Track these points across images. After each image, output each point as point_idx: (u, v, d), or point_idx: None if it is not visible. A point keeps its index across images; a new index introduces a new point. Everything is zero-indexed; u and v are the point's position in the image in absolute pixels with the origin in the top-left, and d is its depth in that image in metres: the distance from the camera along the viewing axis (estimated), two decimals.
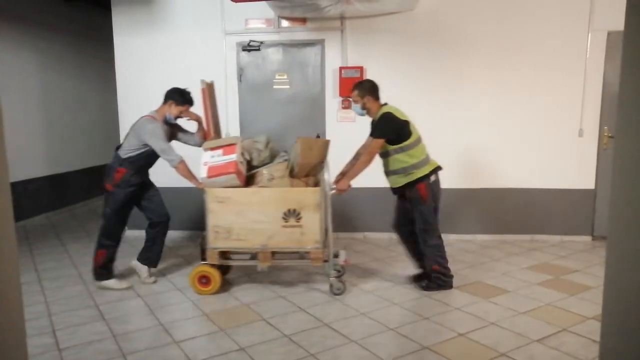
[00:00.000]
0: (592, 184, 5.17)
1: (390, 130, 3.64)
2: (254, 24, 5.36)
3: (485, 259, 4.66)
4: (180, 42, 5.46)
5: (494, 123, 5.18)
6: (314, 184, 3.86)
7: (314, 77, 5.36)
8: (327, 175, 3.71)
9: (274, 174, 3.75)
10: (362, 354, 2.89)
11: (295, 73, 5.39)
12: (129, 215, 4.12)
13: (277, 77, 5.41)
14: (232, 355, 2.90)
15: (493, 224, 5.32)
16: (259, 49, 5.37)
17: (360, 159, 3.70)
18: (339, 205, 5.33)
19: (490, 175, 5.25)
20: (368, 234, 5.46)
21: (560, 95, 5.07)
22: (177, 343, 3.07)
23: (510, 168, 5.23)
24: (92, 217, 6.67)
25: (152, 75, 5.42)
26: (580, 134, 5.11)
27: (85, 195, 7.47)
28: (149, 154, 3.88)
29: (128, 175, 3.88)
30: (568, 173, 5.17)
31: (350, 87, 3.90)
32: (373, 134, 3.72)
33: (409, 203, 3.76)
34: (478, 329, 3.19)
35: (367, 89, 3.75)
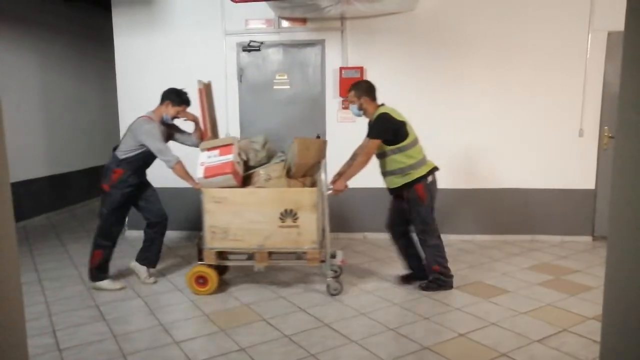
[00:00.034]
0: (592, 184, 5.17)
1: (387, 131, 3.63)
2: (254, 25, 5.37)
3: (486, 259, 4.66)
4: (181, 42, 5.46)
5: (495, 123, 5.18)
6: (311, 184, 3.86)
7: (314, 77, 5.36)
8: (324, 176, 3.71)
9: (271, 174, 3.74)
10: (362, 354, 2.89)
11: (296, 73, 5.39)
12: (127, 216, 4.12)
13: (277, 77, 5.42)
14: (232, 356, 2.90)
15: (493, 224, 5.32)
16: (259, 49, 5.37)
17: (357, 160, 3.69)
18: (339, 206, 5.33)
19: (491, 176, 5.25)
20: (368, 234, 5.46)
21: (561, 96, 5.07)
22: (177, 343, 3.07)
23: (511, 168, 5.23)
24: (92, 217, 6.66)
25: (152, 76, 5.42)
26: (581, 134, 5.11)
27: (86, 196, 7.48)
28: (146, 155, 3.88)
29: (125, 176, 3.88)
30: (568, 173, 5.17)
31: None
32: (370, 135, 3.71)
33: (406, 204, 3.75)
34: (478, 329, 3.19)
35: (363, 90, 3.74)
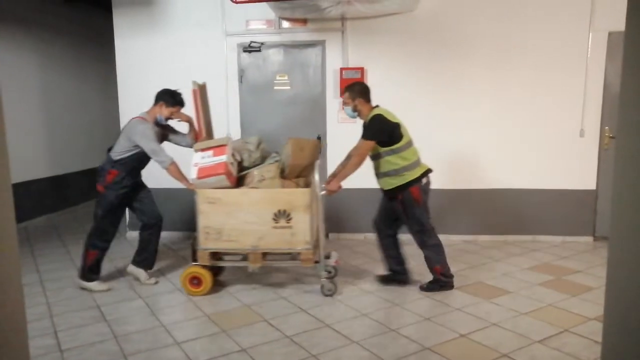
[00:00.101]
0: (593, 185, 5.17)
1: (381, 132, 3.64)
2: (255, 25, 5.37)
3: (486, 260, 4.65)
4: (181, 43, 5.46)
5: (495, 123, 5.18)
6: (305, 185, 3.86)
7: (315, 78, 5.36)
8: (317, 176, 3.71)
9: (265, 175, 3.74)
10: (363, 355, 2.89)
11: (296, 74, 5.39)
12: (122, 218, 4.11)
13: (277, 78, 5.42)
14: (233, 356, 2.90)
15: (494, 225, 5.31)
16: (260, 50, 5.37)
17: (351, 161, 3.69)
18: (340, 207, 5.33)
19: (491, 176, 5.25)
20: (369, 235, 5.45)
21: (561, 96, 5.07)
22: (178, 344, 3.07)
23: (511, 168, 5.22)
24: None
25: (152, 76, 5.42)
26: (582, 134, 5.10)
27: (87, 197, 7.48)
28: (140, 156, 3.87)
29: (120, 177, 3.87)
30: (569, 173, 5.16)
31: None
32: (364, 136, 3.71)
33: (400, 205, 3.75)
34: (479, 330, 3.19)
35: (358, 92, 3.76)
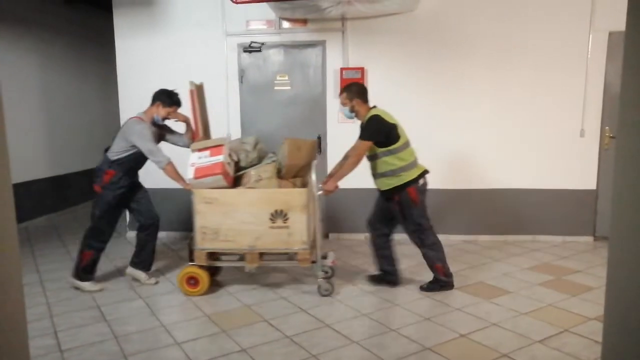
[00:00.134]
0: (593, 185, 5.16)
1: (378, 133, 3.64)
2: (255, 25, 5.37)
3: (487, 260, 4.65)
4: (181, 43, 5.47)
5: (495, 123, 5.17)
6: (302, 185, 3.85)
7: (315, 78, 5.36)
8: (314, 176, 3.71)
9: (262, 175, 3.74)
10: (363, 355, 2.89)
11: (297, 74, 5.39)
12: (119, 218, 4.09)
13: (278, 78, 5.42)
14: (233, 357, 2.90)
15: (494, 225, 5.31)
16: (260, 50, 5.37)
17: (348, 161, 3.70)
18: (340, 207, 5.33)
19: (491, 176, 5.25)
20: (369, 235, 5.44)
21: (562, 96, 5.07)
22: (178, 344, 3.07)
23: (511, 168, 5.22)
24: None
25: (153, 77, 5.42)
26: (582, 134, 5.10)
27: (87, 197, 7.47)
28: (137, 156, 3.87)
29: (117, 177, 3.87)
30: (569, 173, 5.16)
31: None
32: (361, 136, 3.71)
33: (397, 206, 3.75)
34: (479, 330, 3.19)
35: (355, 92, 3.76)
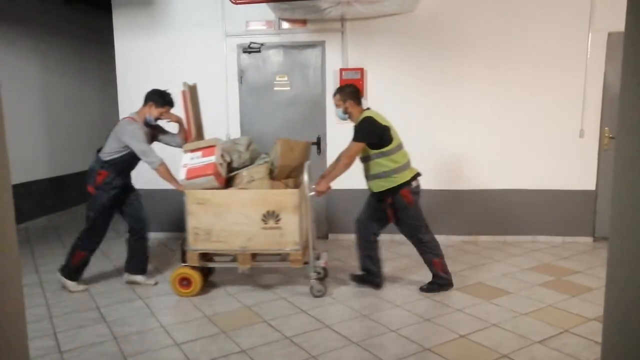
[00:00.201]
0: (593, 185, 5.16)
1: (371, 134, 3.64)
2: (255, 26, 5.37)
3: (487, 260, 4.65)
4: (181, 43, 5.47)
5: (495, 123, 5.18)
6: (295, 186, 3.85)
7: (315, 78, 5.37)
8: (307, 177, 3.71)
9: (254, 176, 3.74)
10: (363, 356, 2.89)
11: (296, 75, 5.39)
12: (112, 220, 4.07)
13: (277, 78, 5.42)
14: (233, 357, 2.90)
15: (494, 225, 5.31)
16: (260, 51, 5.37)
17: (340, 162, 3.69)
18: (340, 207, 5.33)
19: (491, 176, 5.25)
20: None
21: (561, 96, 5.07)
22: (178, 345, 3.07)
23: (511, 168, 5.22)
24: None
25: (152, 77, 5.41)
26: (581, 135, 5.10)
27: (87, 198, 7.43)
28: (130, 156, 3.86)
29: (110, 178, 3.87)
30: (569, 174, 5.16)
31: None
32: (354, 138, 3.71)
33: (390, 208, 3.75)
34: (479, 331, 3.19)
35: (348, 94, 3.76)
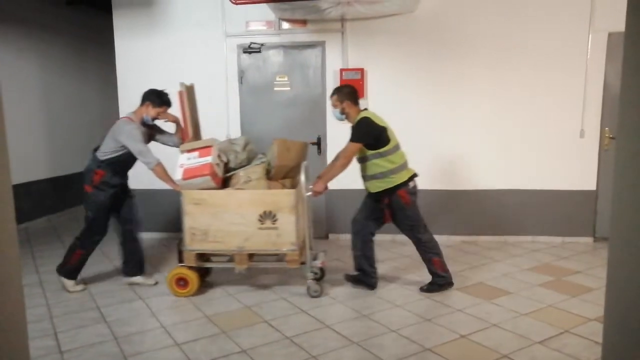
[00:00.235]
0: (593, 185, 5.16)
1: (368, 135, 3.64)
2: (255, 26, 5.37)
3: (487, 260, 4.65)
4: (181, 44, 5.47)
5: (495, 123, 5.18)
6: (292, 186, 3.85)
7: (315, 79, 5.37)
8: (303, 178, 3.70)
9: (251, 176, 3.73)
10: (363, 356, 2.89)
11: (296, 75, 5.39)
12: (109, 220, 4.06)
13: (277, 79, 5.42)
14: (233, 357, 2.90)
15: (494, 225, 5.31)
16: (260, 51, 5.38)
17: (337, 162, 3.70)
18: (340, 208, 5.32)
19: (491, 176, 5.25)
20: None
21: (561, 96, 5.07)
22: (178, 345, 3.07)
23: (511, 169, 5.22)
24: None
25: (153, 78, 5.41)
26: (582, 135, 5.10)
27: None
28: (127, 156, 3.86)
29: (107, 177, 3.88)
30: (569, 174, 5.16)
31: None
32: (351, 139, 3.71)
33: (387, 208, 3.76)
34: (480, 331, 3.19)
35: (345, 94, 3.76)
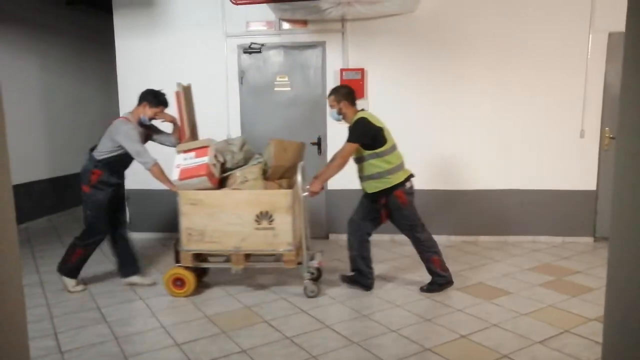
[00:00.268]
0: (593, 185, 5.16)
1: (364, 135, 3.64)
2: (255, 26, 5.37)
3: (487, 260, 4.65)
4: (181, 44, 5.47)
5: (495, 123, 5.18)
6: (288, 187, 3.85)
7: (315, 79, 5.37)
8: (300, 178, 3.71)
9: (247, 176, 3.73)
10: (364, 356, 2.89)
11: (296, 75, 5.39)
12: (107, 220, 4.06)
13: (278, 79, 5.42)
14: (233, 358, 2.90)
15: (494, 225, 5.31)
16: (260, 51, 5.38)
17: (334, 163, 3.70)
18: (340, 208, 5.32)
19: (491, 176, 5.25)
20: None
21: (562, 96, 5.07)
22: (178, 345, 3.07)
23: (511, 169, 5.22)
24: None
25: (153, 78, 5.40)
26: (582, 135, 5.10)
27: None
28: (124, 156, 3.86)
29: (104, 177, 3.88)
30: (569, 174, 5.16)
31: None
32: (348, 139, 3.71)
33: (384, 208, 3.76)
34: (480, 331, 3.19)
35: (343, 95, 3.76)
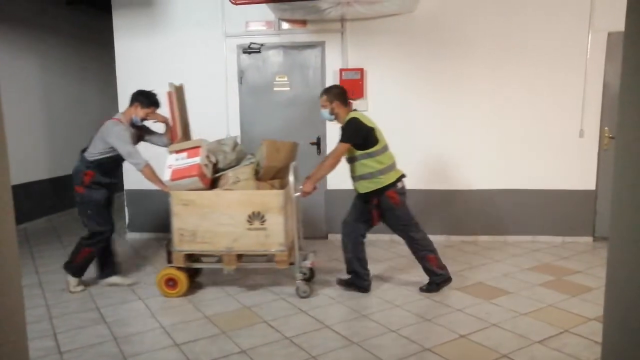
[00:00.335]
0: (593, 185, 5.16)
1: (356, 135, 3.64)
2: (255, 26, 5.37)
3: (487, 260, 4.65)
4: (181, 44, 5.47)
5: (495, 123, 5.18)
6: (281, 187, 3.85)
7: (315, 79, 5.37)
8: (292, 178, 3.70)
9: (239, 177, 3.73)
10: (363, 356, 2.89)
11: (296, 75, 5.39)
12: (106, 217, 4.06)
13: (277, 79, 5.42)
14: (233, 358, 2.90)
15: (494, 225, 5.31)
16: (260, 51, 5.38)
17: (326, 162, 3.70)
18: (340, 208, 5.32)
19: (491, 176, 5.25)
20: (367, 236, 5.43)
21: (561, 96, 5.07)
22: (178, 346, 3.07)
23: (511, 168, 5.22)
24: None
25: (152, 78, 5.39)
26: (581, 135, 5.10)
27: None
28: (116, 157, 3.86)
29: (97, 178, 3.88)
30: (569, 174, 5.16)
31: (351, 89, 3.89)
32: (340, 139, 3.71)
33: (376, 209, 3.77)
34: (479, 331, 3.19)
35: (335, 95, 3.77)
